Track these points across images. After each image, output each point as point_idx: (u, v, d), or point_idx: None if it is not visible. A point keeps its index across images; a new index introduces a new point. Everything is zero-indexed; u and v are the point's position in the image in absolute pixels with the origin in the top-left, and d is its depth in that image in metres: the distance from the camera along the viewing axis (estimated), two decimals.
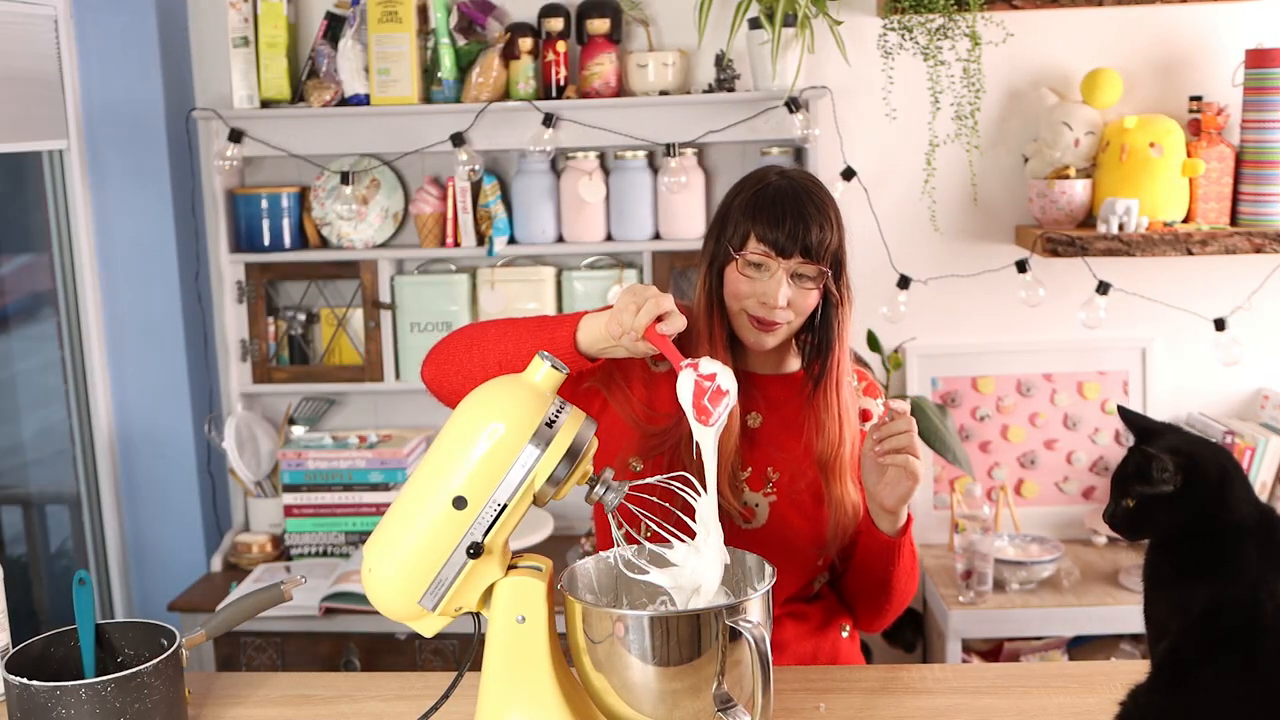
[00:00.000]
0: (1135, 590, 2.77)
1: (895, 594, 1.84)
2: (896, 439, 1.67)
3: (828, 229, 1.71)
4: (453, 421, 1.39)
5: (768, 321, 1.72)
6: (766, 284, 1.70)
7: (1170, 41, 3.02)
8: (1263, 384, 3.12)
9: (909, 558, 1.81)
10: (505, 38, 3.02)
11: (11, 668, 1.49)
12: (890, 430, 1.67)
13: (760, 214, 1.71)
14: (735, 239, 1.73)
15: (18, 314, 3.23)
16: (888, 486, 1.71)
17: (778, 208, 1.70)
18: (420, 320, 3.15)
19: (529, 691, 1.40)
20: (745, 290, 1.72)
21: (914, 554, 1.83)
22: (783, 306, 1.70)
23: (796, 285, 1.71)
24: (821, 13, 2.91)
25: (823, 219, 1.71)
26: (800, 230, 1.69)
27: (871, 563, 1.81)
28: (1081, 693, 1.61)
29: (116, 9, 3.06)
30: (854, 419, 1.81)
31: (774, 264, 1.70)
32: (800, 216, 1.69)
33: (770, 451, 1.82)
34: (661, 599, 1.47)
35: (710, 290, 1.77)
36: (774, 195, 1.72)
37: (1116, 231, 2.84)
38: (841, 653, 1.88)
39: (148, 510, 3.26)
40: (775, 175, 1.76)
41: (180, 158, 3.18)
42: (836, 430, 1.78)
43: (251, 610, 1.65)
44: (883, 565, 1.80)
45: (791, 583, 1.83)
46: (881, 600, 1.85)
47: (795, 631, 1.84)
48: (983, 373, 3.14)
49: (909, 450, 1.67)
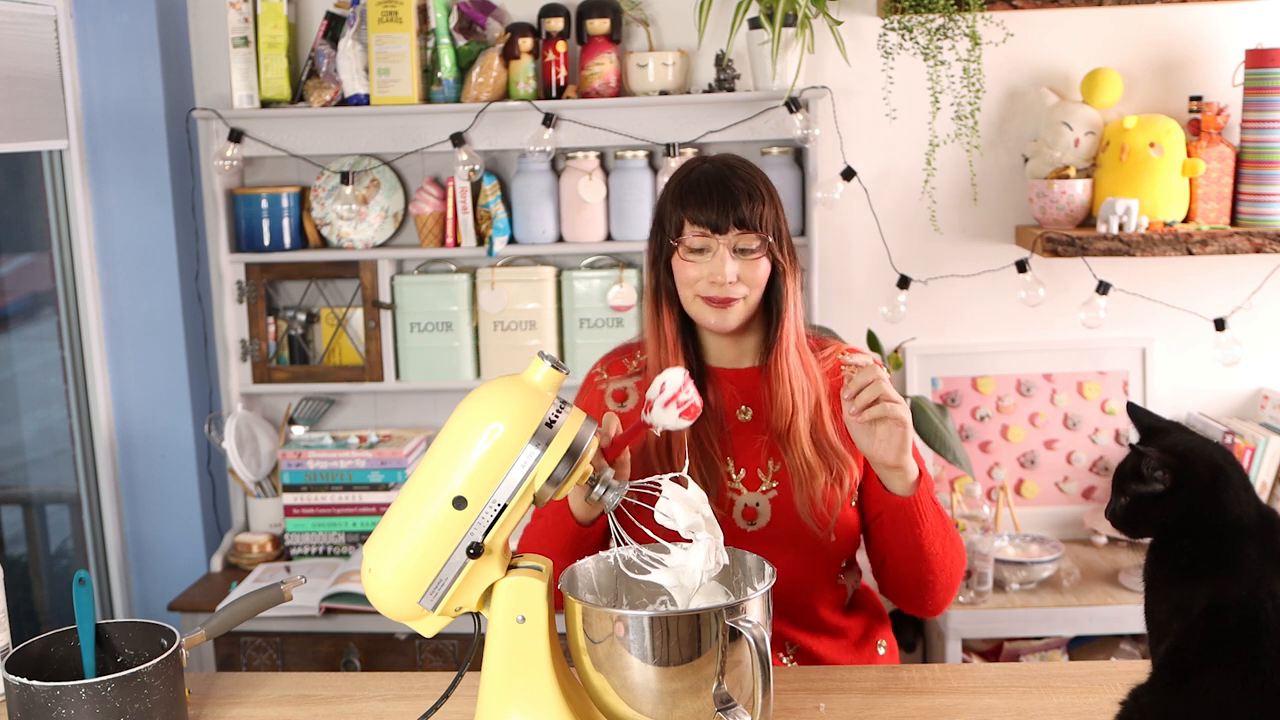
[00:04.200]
0: (1135, 590, 2.78)
1: (934, 561, 1.77)
2: (866, 392, 1.64)
3: (758, 199, 1.75)
4: (453, 421, 1.39)
5: (720, 299, 1.75)
6: (712, 263, 1.75)
7: (1170, 41, 3.02)
8: (1263, 384, 3.12)
9: (935, 518, 1.75)
10: (505, 38, 3.02)
11: (11, 668, 1.49)
12: (858, 385, 1.65)
13: (689, 198, 1.76)
14: (672, 229, 1.78)
15: (18, 314, 3.23)
16: (880, 442, 1.67)
17: (704, 189, 1.75)
18: (420, 320, 3.15)
19: (529, 691, 1.40)
20: (694, 274, 1.76)
21: (943, 516, 1.77)
22: (732, 281, 1.74)
23: (742, 259, 1.75)
24: (821, 13, 2.91)
25: (750, 189, 1.75)
26: (729, 205, 1.73)
27: (899, 533, 1.76)
28: (1081, 693, 1.61)
29: (116, 9, 3.06)
30: (809, 387, 1.80)
31: (714, 242, 1.74)
32: (727, 192, 1.74)
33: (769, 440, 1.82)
34: (661, 599, 1.47)
35: (658, 292, 1.82)
36: (699, 179, 1.77)
37: (1116, 231, 2.84)
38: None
39: (148, 510, 3.26)
40: (699, 162, 1.81)
41: (180, 158, 3.18)
42: (789, 399, 1.78)
43: (251, 610, 1.65)
44: (909, 531, 1.75)
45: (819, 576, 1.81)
46: (923, 572, 1.78)
47: (833, 648, 1.84)
48: (983, 373, 3.14)
49: (884, 399, 1.64)
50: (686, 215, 1.75)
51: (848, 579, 1.89)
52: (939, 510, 1.77)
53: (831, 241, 3.12)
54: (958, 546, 1.80)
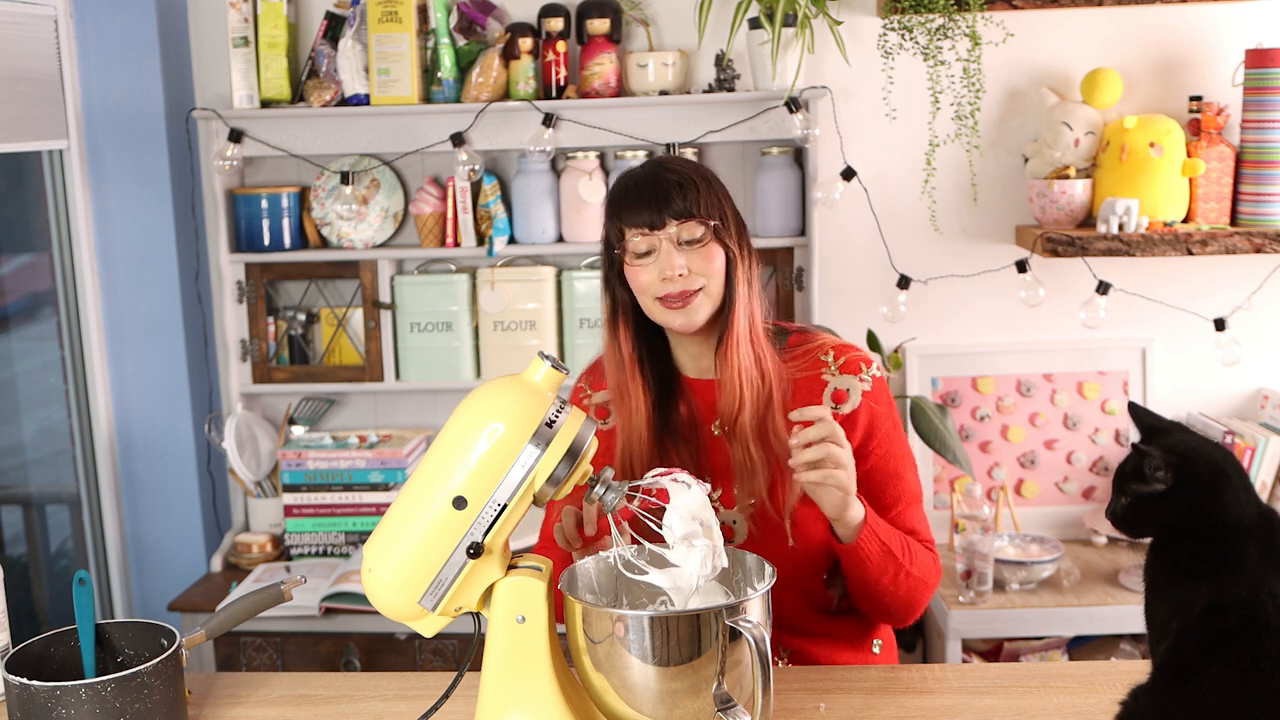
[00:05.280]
0: (1135, 590, 2.77)
1: (884, 596, 1.74)
2: (811, 451, 1.59)
3: (690, 188, 1.72)
4: (453, 421, 1.39)
5: (677, 295, 1.72)
6: (659, 261, 1.72)
7: (1170, 41, 3.02)
8: (1263, 384, 3.12)
9: (881, 559, 1.70)
10: (505, 38, 3.02)
11: (11, 668, 1.49)
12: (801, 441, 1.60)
13: (622, 206, 1.75)
14: (615, 240, 1.76)
15: (18, 314, 3.23)
16: (825, 492, 1.63)
17: (633, 192, 1.74)
18: (420, 320, 3.15)
19: (529, 691, 1.40)
20: (646, 278, 1.73)
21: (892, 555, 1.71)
22: (683, 273, 1.71)
23: (689, 250, 1.72)
24: (821, 13, 2.91)
25: (681, 179, 1.73)
26: (661, 199, 1.71)
27: (847, 570, 1.74)
28: (1081, 693, 1.61)
29: (116, 9, 3.06)
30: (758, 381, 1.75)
31: (655, 240, 1.72)
32: (656, 187, 1.72)
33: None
34: (661, 599, 1.47)
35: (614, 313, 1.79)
36: (627, 185, 1.76)
37: (1116, 231, 2.84)
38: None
39: (148, 510, 3.26)
40: (632, 170, 1.80)
41: (180, 158, 3.18)
42: (736, 392, 1.75)
43: (251, 610, 1.66)
44: (855, 571, 1.72)
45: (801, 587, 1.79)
46: (875, 603, 1.76)
47: (828, 650, 1.83)
48: (983, 373, 3.14)
49: (830, 462, 1.58)
50: (623, 222, 1.73)
51: (834, 586, 1.84)
52: (886, 550, 1.70)
53: (831, 241, 3.12)
54: (916, 576, 1.74)
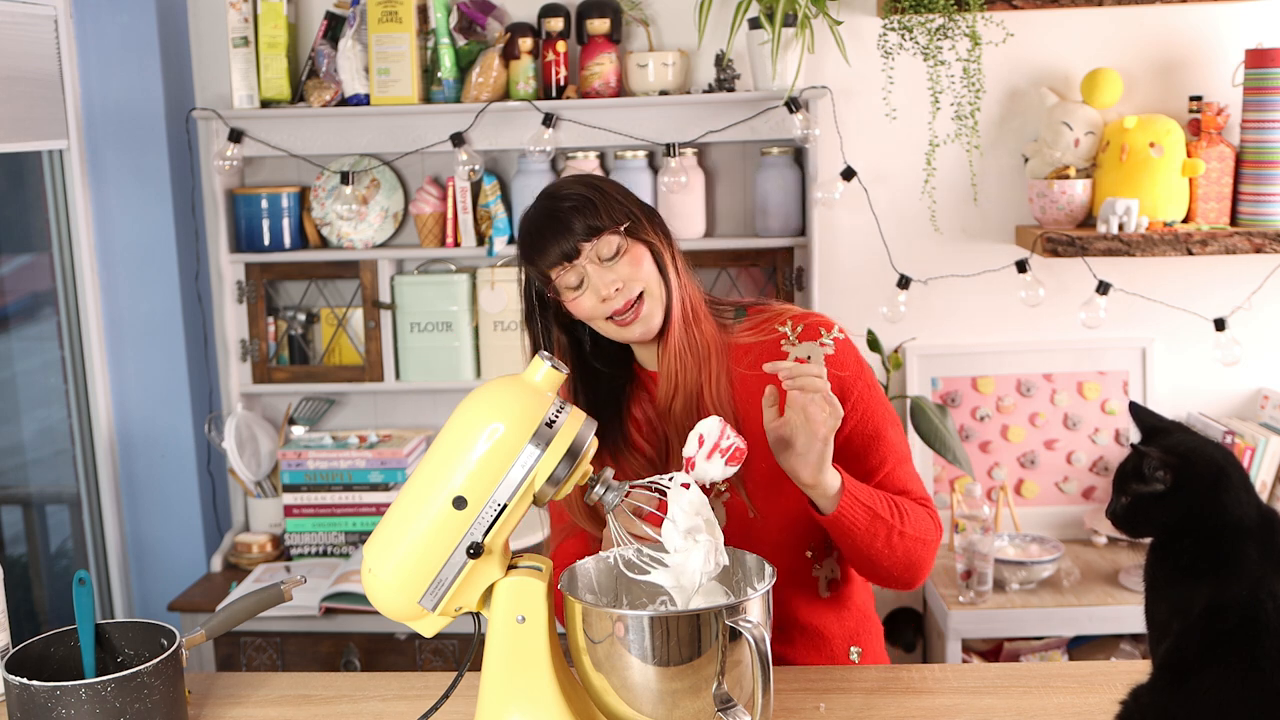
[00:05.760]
0: (1135, 590, 2.78)
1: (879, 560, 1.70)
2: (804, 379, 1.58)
3: (586, 205, 1.69)
4: (453, 421, 1.39)
5: (623, 308, 1.70)
6: (593, 285, 1.69)
7: (1170, 41, 3.02)
8: (1263, 384, 3.12)
9: (868, 523, 1.65)
10: (505, 38, 3.02)
11: (11, 668, 1.49)
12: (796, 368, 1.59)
13: (532, 250, 1.71)
14: (543, 285, 1.73)
15: (18, 314, 3.23)
16: (798, 457, 1.59)
17: (537, 233, 1.70)
18: (420, 320, 3.15)
19: (529, 691, 1.40)
20: (588, 304, 1.70)
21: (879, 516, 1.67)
22: (619, 287, 1.68)
23: (613, 264, 1.69)
24: (821, 13, 2.91)
25: (576, 201, 1.69)
26: (563, 230, 1.68)
27: (838, 541, 1.71)
28: (1081, 693, 1.61)
29: (116, 9, 3.06)
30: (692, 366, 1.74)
31: (579, 268, 1.69)
32: (555, 220, 1.69)
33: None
34: (661, 599, 1.47)
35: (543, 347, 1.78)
36: (528, 228, 1.73)
37: (1116, 231, 2.84)
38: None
39: (148, 510, 3.26)
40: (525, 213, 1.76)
41: (180, 158, 3.18)
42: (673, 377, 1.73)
43: (251, 610, 1.66)
44: (844, 541, 1.68)
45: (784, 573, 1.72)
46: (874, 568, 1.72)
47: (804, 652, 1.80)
48: (983, 373, 3.14)
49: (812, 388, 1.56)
50: (541, 265, 1.70)
51: (821, 570, 1.81)
52: (873, 514, 1.67)
53: (831, 241, 3.12)
54: (912, 535, 1.70)
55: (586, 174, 1.80)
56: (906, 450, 1.81)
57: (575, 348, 1.80)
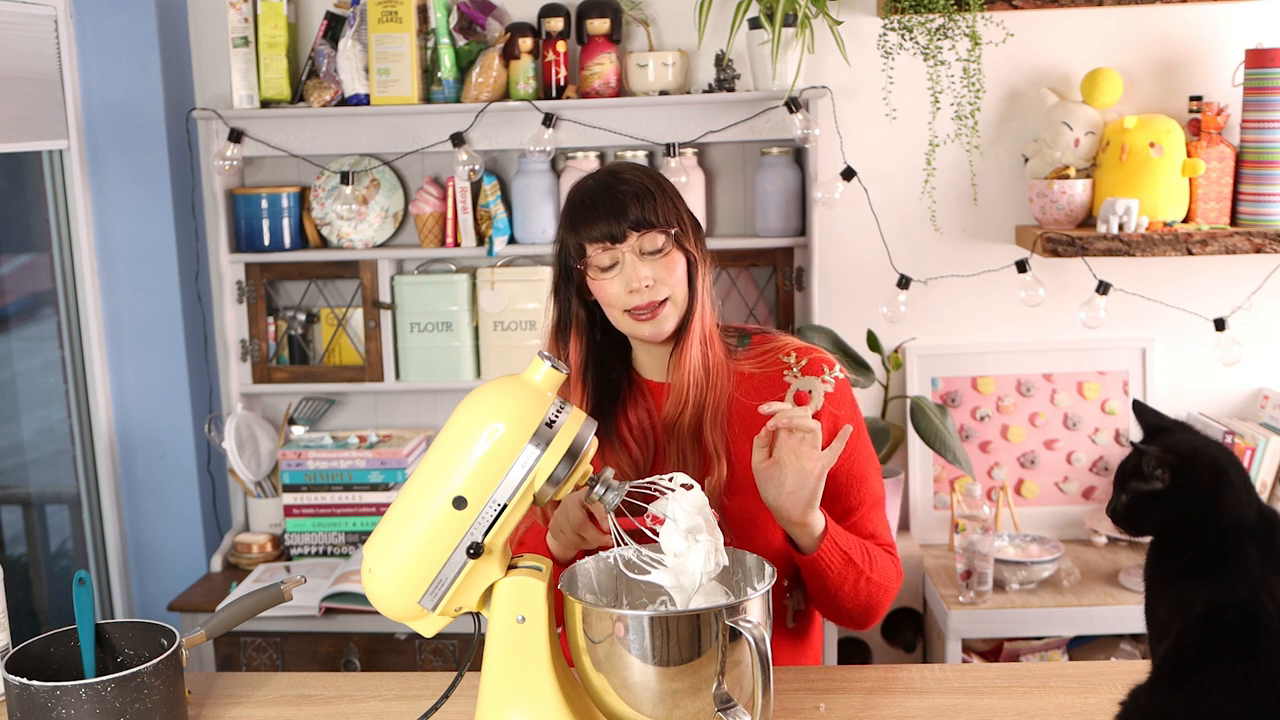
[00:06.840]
0: (1135, 590, 2.77)
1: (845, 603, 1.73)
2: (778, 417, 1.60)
3: (647, 197, 1.70)
4: (453, 421, 1.39)
5: (645, 306, 1.71)
6: (624, 274, 1.70)
7: (1170, 41, 3.02)
8: (1263, 384, 3.12)
9: (842, 567, 1.69)
10: (505, 38, 3.02)
11: (11, 668, 1.49)
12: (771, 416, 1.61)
13: (579, 220, 1.72)
14: (575, 256, 1.73)
15: (18, 314, 3.23)
16: (788, 494, 1.61)
17: (592, 205, 1.71)
18: (420, 320, 3.15)
19: (529, 691, 1.40)
20: (612, 291, 1.71)
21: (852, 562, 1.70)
22: (649, 284, 1.69)
23: (652, 260, 1.70)
24: (821, 13, 2.91)
25: (637, 190, 1.70)
26: (619, 212, 1.69)
27: (807, 580, 1.73)
28: (1081, 693, 1.61)
29: (116, 9, 3.06)
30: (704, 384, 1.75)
31: (618, 253, 1.70)
32: (612, 200, 1.70)
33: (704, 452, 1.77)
34: (661, 599, 1.47)
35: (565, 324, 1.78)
36: (582, 199, 1.73)
37: (1116, 231, 2.84)
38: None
39: (148, 510, 3.26)
40: (585, 180, 1.77)
41: (180, 158, 3.18)
42: (684, 393, 1.74)
43: (251, 610, 1.66)
44: (815, 582, 1.71)
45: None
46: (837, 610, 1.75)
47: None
48: (983, 373, 3.14)
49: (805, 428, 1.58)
50: (583, 237, 1.71)
51: (790, 600, 1.82)
52: (848, 559, 1.69)
53: (831, 241, 3.12)
54: (877, 582, 1.73)
55: (649, 167, 1.81)
56: (882, 495, 1.83)
57: (590, 324, 1.80)
